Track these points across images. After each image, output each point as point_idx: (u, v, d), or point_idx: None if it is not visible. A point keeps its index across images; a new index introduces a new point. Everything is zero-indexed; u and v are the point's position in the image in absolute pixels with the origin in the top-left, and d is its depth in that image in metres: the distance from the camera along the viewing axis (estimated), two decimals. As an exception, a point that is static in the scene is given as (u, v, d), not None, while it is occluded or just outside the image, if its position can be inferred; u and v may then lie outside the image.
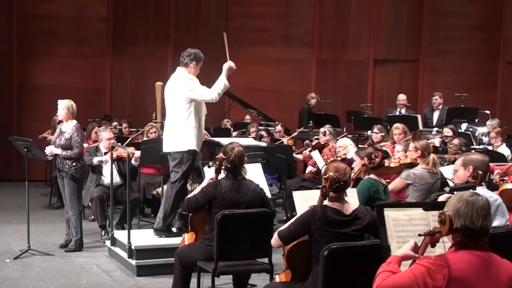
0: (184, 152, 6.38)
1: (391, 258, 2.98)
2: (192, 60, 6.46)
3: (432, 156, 6.53)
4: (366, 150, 6.04)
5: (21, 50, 12.39)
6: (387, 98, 12.86)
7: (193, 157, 6.46)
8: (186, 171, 6.44)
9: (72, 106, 7.08)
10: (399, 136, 8.31)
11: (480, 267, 2.83)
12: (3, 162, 12.15)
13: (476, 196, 2.91)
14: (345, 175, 4.08)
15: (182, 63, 6.51)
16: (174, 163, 6.45)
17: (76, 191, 7.06)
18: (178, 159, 6.42)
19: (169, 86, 6.56)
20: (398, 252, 3.01)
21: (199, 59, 6.52)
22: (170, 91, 6.52)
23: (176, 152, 6.43)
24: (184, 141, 6.37)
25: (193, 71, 6.49)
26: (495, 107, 13.21)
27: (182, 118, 6.37)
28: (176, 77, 6.51)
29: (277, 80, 13.07)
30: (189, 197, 5.03)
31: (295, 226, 4.05)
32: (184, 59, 6.49)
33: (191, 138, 6.37)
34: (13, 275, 6.24)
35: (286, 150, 8.79)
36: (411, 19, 13.56)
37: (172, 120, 6.49)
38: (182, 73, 6.47)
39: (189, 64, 6.47)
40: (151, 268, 6.30)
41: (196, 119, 6.40)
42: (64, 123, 7.15)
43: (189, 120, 6.37)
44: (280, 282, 4.29)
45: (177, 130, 6.40)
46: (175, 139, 6.42)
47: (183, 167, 6.40)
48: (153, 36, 12.88)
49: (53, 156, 7.28)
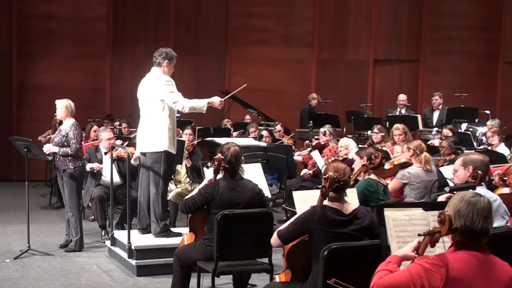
0: (161, 152, 6.38)
1: (391, 258, 2.98)
2: (164, 59, 6.46)
3: (424, 154, 6.61)
4: (366, 150, 6.05)
5: (21, 50, 12.38)
6: (387, 98, 12.86)
7: (170, 157, 6.48)
8: (165, 171, 6.45)
9: (70, 105, 7.09)
10: (399, 137, 8.32)
11: (478, 267, 2.82)
12: (3, 162, 12.14)
13: (478, 197, 2.90)
14: (345, 175, 4.09)
15: (155, 62, 6.52)
16: (151, 163, 6.44)
17: (75, 191, 7.05)
18: (154, 159, 6.41)
19: (144, 86, 6.56)
20: (398, 252, 3.01)
21: (171, 58, 6.51)
22: (145, 91, 6.51)
23: (152, 152, 6.43)
24: (159, 141, 6.37)
25: (167, 70, 6.49)
26: (495, 107, 13.20)
27: (157, 119, 6.37)
28: (152, 77, 6.51)
29: (277, 80, 13.07)
30: (187, 198, 5.05)
31: (294, 225, 4.06)
32: (157, 58, 6.50)
33: (165, 139, 6.36)
34: (13, 275, 6.24)
35: (286, 150, 8.78)
36: (411, 19, 13.56)
37: (146, 120, 6.48)
38: (158, 74, 6.47)
39: (162, 63, 6.47)
40: (151, 268, 6.31)
41: (170, 120, 6.41)
42: (63, 122, 7.15)
43: (164, 121, 6.37)
44: (280, 282, 4.29)
45: (152, 131, 6.40)
46: (150, 139, 6.41)
47: (161, 167, 6.40)
48: (153, 36, 12.87)
49: (52, 155, 7.27)
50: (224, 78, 12.69)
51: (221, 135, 9.11)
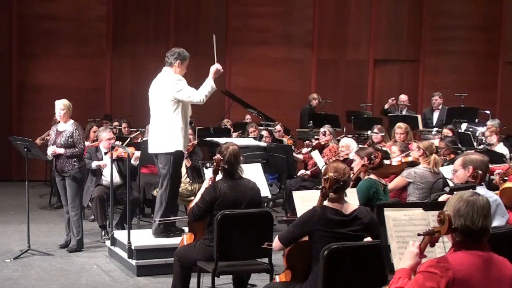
0: (172, 153, 6.33)
1: (400, 273, 2.94)
2: (176, 59, 6.39)
3: (434, 155, 6.58)
4: (366, 150, 6.05)
5: (21, 50, 12.38)
6: (387, 98, 12.83)
7: (180, 158, 6.44)
8: (175, 172, 6.40)
9: (70, 106, 7.09)
10: (400, 136, 8.30)
11: (482, 267, 2.82)
12: (3, 162, 12.14)
13: (477, 196, 2.91)
14: (344, 175, 4.08)
15: (167, 62, 6.44)
16: (162, 165, 6.40)
17: (78, 191, 7.05)
18: (166, 160, 6.35)
19: (155, 86, 6.49)
20: (403, 264, 2.97)
21: (184, 58, 6.43)
22: (156, 91, 6.45)
23: (163, 153, 6.37)
24: (171, 141, 6.31)
25: (179, 70, 6.42)
26: (495, 107, 13.21)
27: (169, 119, 6.31)
28: (163, 77, 6.44)
29: (277, 80, 13.07)
30: (192, 206, 5.04)
31: (294, 227, 4.06)
32: (169, 58, 6.43)
33: (178, 139, 6.31)
34: (13, 275, 6.24)
35: (286, 150, 8.79)
36: (411, 19, 13.56)
37: (158, 121, 6.42)
38: (169, 73, 6.40)
39: (174, 64, 6.39)
40: (151, 268, 6.30)
41: (183, 120, 6.35)
42: (61, 123, 7.13)
43: (176, 120, 6.31)
44: (280, 282, 4.29)
45: (164, 131, 6.34)
46: (162, 140, 6.35)
47: (171, 168, 6.35)
48: (153, 36, 12.88)
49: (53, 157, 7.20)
50: (224, 78, 12.70)
51: (221, 135, 9.11)
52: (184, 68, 6.50)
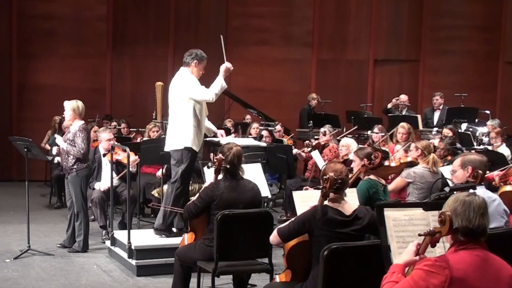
0: (182, 150, 6.38)
1: (394, 268, 2.96)
2: (193, 59, 6.47)
3: (432, 155, 6.59)
4: (366, 150, 6.04)
5: (21, 50, 12.38)
6: (387, 98, 12.82)
7: (191, 156, 6.44)
8: (184, 170, 6.40)
9: (78, 107, 7.10)
10: (402, 136, 8.29)
11: (480, 266, 2.83)
12: (3, 162, 12.14)
13: (473, 196, 2.92)
14: (342, 173, 4.11)
15: (184, 63, 6.55)
16: (173, 162, 6.47)
17: (80, 192, 7.02)
18: (177, 157, 6.42)
19: (171, 86, 6.60)
20: (399, 259, 2.99)
21: (201, 58, 6.50)
22: (171, 90, 6.56)
23: (174, 150, 6.45)
24: (181, 139, 6.37)
25: (195, 70, 6.49)
26: (495, 107, 13.20)
27: (181, 117, 6.39)
28: (178, 76, 6.54)
29: (277, 80, 13.07)
30: (189, 203, 5.06)
31: (295, 224, 4.07)
32: (186, 58, 6.53)
33: (188, 136, 6.36)
34: (13, 275, 6.24)
35: (286, 150, 8.79)
36: (411, 19, 13.56)
37: (172, 119, 6.52)
38: (184, 73, 6.50)
39: (191, 63, 6.48)
40: (151, 268, 6.31)
41: (195, 118, 6.39)
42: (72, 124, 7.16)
43: (188, 119, 6.36)
44: (280, 282, 4.29)
45: (176, 129, 6.43)
46: (174, 137, 6.45)
47: (182, 166, 6.38)
48: (153, 36, 12.88)
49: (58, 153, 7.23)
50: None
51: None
52: (202, 69, 6.56)
